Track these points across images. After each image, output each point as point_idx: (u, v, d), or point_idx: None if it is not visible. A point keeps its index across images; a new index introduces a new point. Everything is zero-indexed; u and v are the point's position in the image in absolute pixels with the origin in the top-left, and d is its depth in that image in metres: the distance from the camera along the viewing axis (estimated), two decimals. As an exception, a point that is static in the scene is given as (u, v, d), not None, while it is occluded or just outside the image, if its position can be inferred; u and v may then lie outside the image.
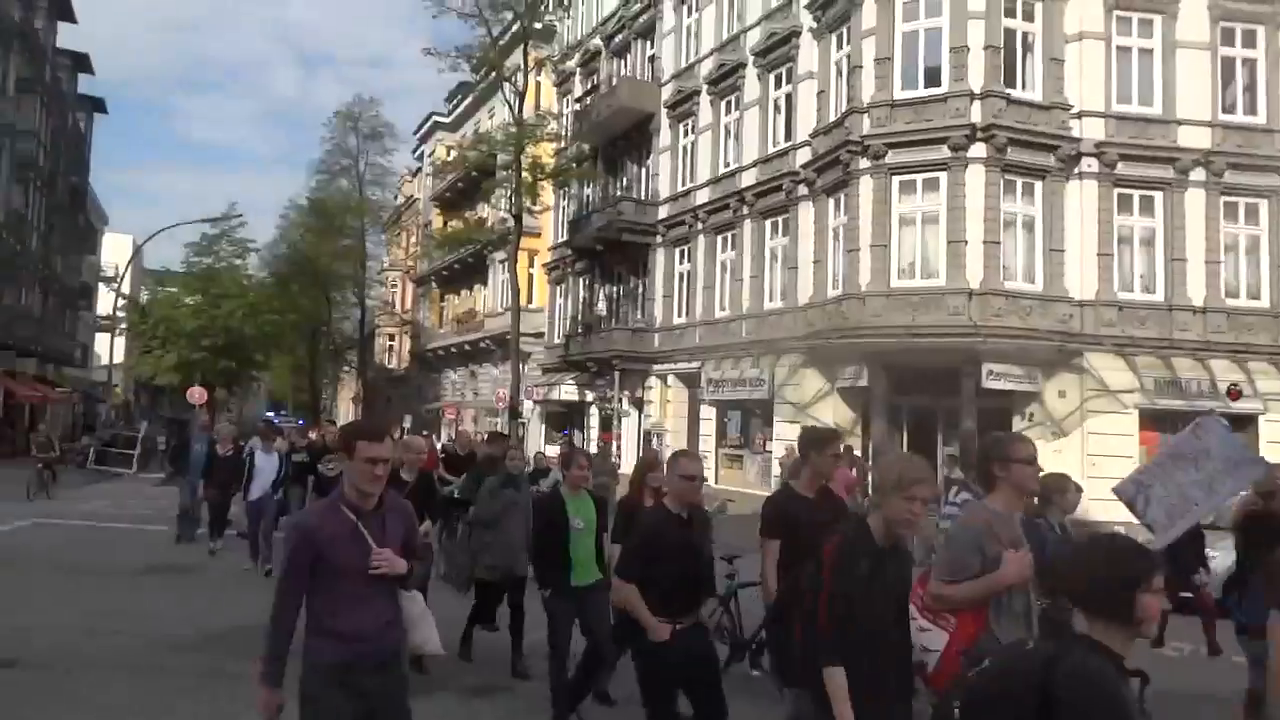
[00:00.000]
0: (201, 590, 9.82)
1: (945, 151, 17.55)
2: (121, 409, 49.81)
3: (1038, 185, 17.88)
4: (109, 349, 40.59)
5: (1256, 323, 17.92)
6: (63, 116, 37.26)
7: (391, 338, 54.60)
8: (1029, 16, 18.14)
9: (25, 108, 30.85)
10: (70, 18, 35.55)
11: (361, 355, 51.15)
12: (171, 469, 16.78)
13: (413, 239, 50.65)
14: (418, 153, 51.90)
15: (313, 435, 14.30)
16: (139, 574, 10.62)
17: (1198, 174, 17.93)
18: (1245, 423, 17.75)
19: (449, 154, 40.46)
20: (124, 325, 42.37)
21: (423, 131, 49.88)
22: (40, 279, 34.94)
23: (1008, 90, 17.59)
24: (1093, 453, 17.16)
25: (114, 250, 53.89)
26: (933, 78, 18.06)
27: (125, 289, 40.08)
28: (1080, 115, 17.90)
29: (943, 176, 17.73)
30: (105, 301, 45.03)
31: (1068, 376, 17.53)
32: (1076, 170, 17.91)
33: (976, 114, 17.41)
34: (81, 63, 39.19)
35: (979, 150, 17.42)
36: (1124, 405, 17.44)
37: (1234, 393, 17.31)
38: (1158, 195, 18.08)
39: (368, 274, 50.56)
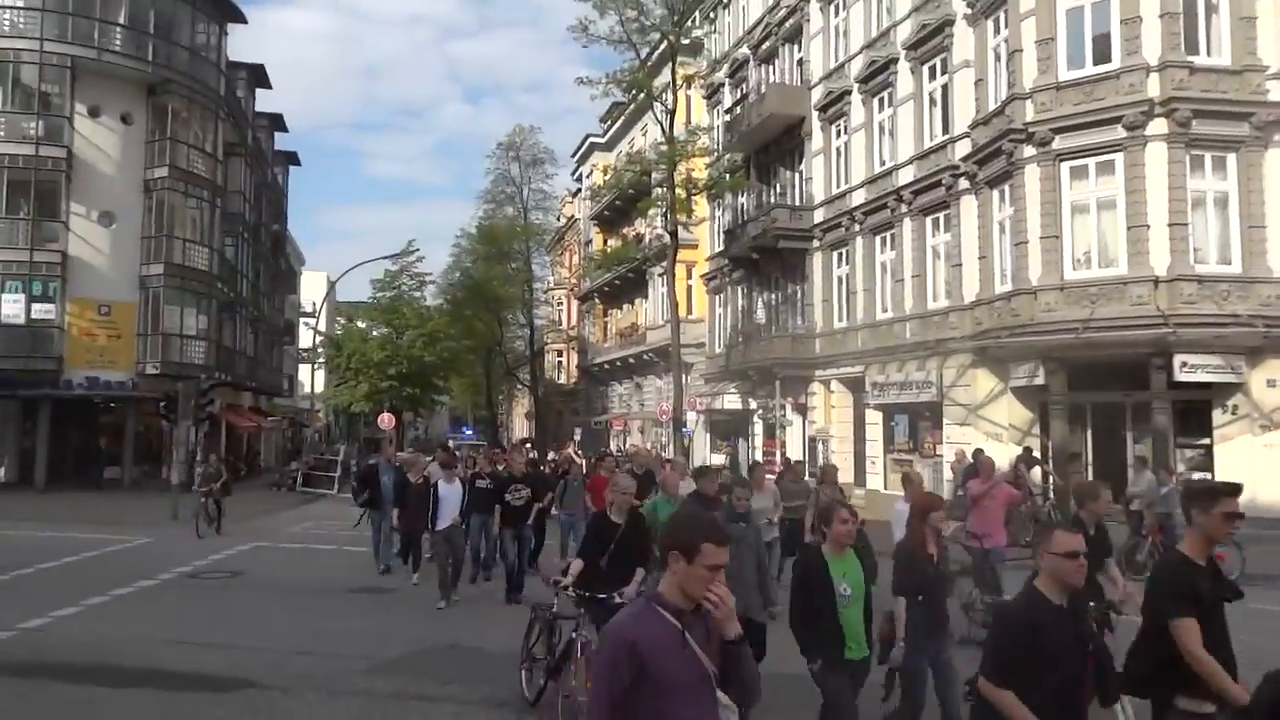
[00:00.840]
0: (397, 613, 10.59)
1: (1120, 131, 16.47)
2: (323, 432, 54.36)
3: (1230, 158, 16.42)
4: (310, 377, 44.44)
5: None
6: (263, 172, 41.17)
7: (560, 354, 56.59)
8: (1210, -24, 16.69)
9: (232, 169, 34.44)
10: (266, 84, 39.34)
11: (532, 372, 53.36)
12: (356, 501, 15.74)
13: (575, 258, 52.38)
14: (576, 174, 53.66)
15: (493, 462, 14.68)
16: (342, 596, 11.61)
17: None
18: None
19: (605, 174, 41.61)
20: (321, 360, 46.30)
21: (580, 153, 51.53)
22: (251, 320, 38.74)
23: (1189, 58, 16.30)
24: (1312, 447, 15.52)
25: (311, 287, 59.03)
26: (1102, 54, 16.99)
27: (322, 322, 43.79)
28: (1278, 77, 16.28)
29: (1118, 158, 16.63)
30: (305, 334, 49.34)
31: (1277, 364, 15.93)
32: (1277, 137, 16.29)
33: (1154, 88, 16.24)
34: (277, 123, 43.26)
35: (1159, 126, 16.23)
36: (1348, 394, 15.66)
37: None
38: (1378, 156, 16.14)
39: (534, 294, 52.82)
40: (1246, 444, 15.87)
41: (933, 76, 21.62)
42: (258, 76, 38.45)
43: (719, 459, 30.31)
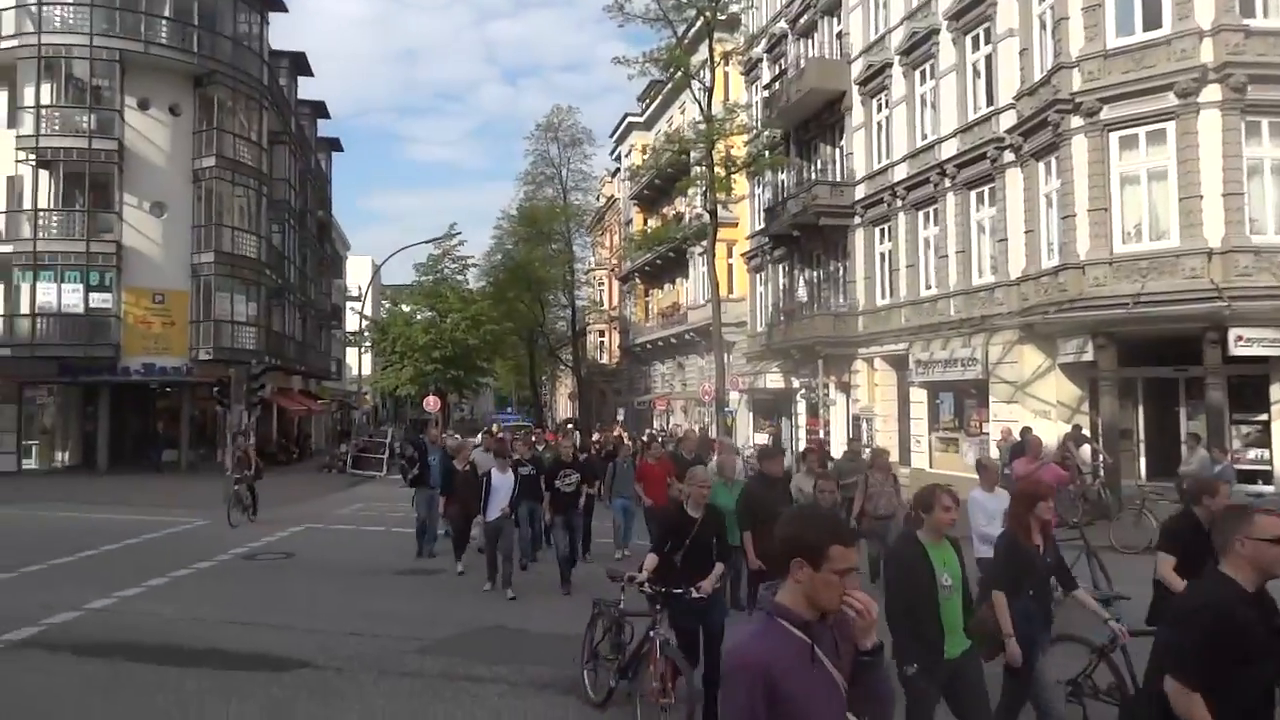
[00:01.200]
0: (444, 595, 10.83)
1: (1172, 100, 15.99)
2: (371, 415, 55.37)
3: (1289, 124, 15.83)
4: (357, 360, 45.24)
5: None
6: (307, 159, 41.80)
7: (602, 334, 56.77)
8: (1268, -66, 16.05)
9: (277, 157, 35.03)
10: (308, 72, 39.85)
11: (575, 353, 53.65)
12: (405, 479, 15.16)
13: (615, 238, 52.40)
14: (615, 154, 53.55)
15: (536, 442, 14.45)
16: (390, 577, 11.90)
17: None
18: None
19: (644, 154, 41.45)
20: (368, 344, 46.99)
21: (618, 133, 51.40)
22: (299, 305, 39.53)
23: (1245, 21, 15.75)
24: (1375, 423, 15.05)
25: (357, 271, 59.98)
26: (1152, 19, 16.48)
27: (368, 306, 44.50)
28: (1340, 36, 15.66)
29: (1170, 127, 16.16)
30: (352, 318, 50.20)
31: (1339, 337, 15.43)
32: (1339, 100, 15.67)
33: (1208, 53, 15.72)
34: (320, 110, 43.86)
35: (1213, 93, 15.73)
36: None
37: None
38: None
39: (575, 275, 53.01)
40: (1304, 420, 15.44)
41: (976, 47, 21.16)
42: (299, 65, 38.98)
43: (762, 438, 30.27)
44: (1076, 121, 17.05)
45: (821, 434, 24.48)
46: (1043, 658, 5.16)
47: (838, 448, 23.27)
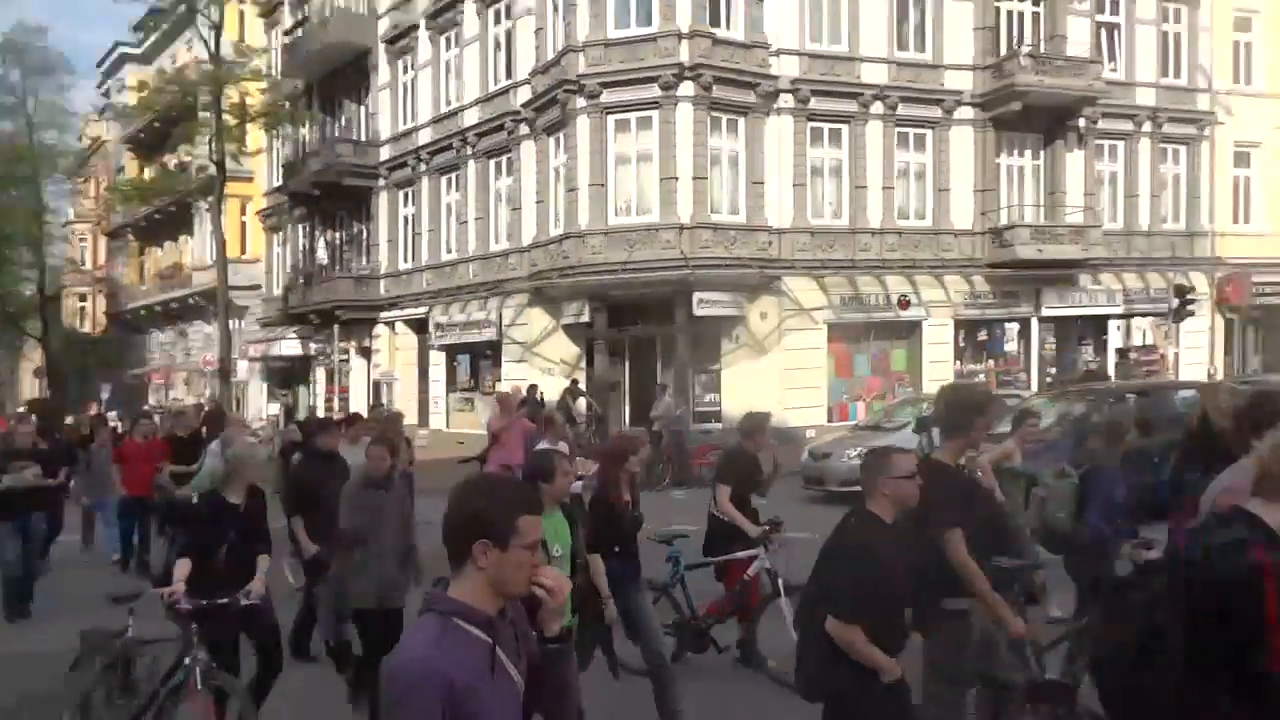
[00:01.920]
0: None
1: (657, 91, 18.09)
2: None
3: (741, 122, 18.92)
4: None
5: (922, 240, 20.38)
6: None
7: (83, 299, 48.39)
8: (729, -43, 18.92)
9: None
10: None
11: (44, 321, 44.88)
12: None
13: (104, 187, 44.89)
14: (104, 88, 45.79)
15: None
16: None
17: (876, 108, 19.83)
18: (911, 329, 20.17)
19: (141, 92, 35.96)
20: None
21: (108, 65, 44.08)
22: None
23: (713, 30, 18.35)
24: (789, 366, 18.81)
25: None
26: (644, 17, 18.47)
27: None
28: (778, 53, 19.07)
29: (655, 115, 18.29)
30: None
31: (768, 299, 18.97)
32: (775, 106, 19.13)
33: (685, 53, 18.02)
34: None
35: (688, 89, 18.10)
36: (815, 322, 19.26)
37: (904, 303, 19.82)
38: (844, 128, 19.82)
39: (48, 229, 44.22)
40: (746, 368, 18.73)
41: (498, 20, 21.88)
42: None
43: (275, 409, 28.30)
44: (581, 102, 18.49)
45: (337, 401, 23.53)
46: (641, 609, 5.27)
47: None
